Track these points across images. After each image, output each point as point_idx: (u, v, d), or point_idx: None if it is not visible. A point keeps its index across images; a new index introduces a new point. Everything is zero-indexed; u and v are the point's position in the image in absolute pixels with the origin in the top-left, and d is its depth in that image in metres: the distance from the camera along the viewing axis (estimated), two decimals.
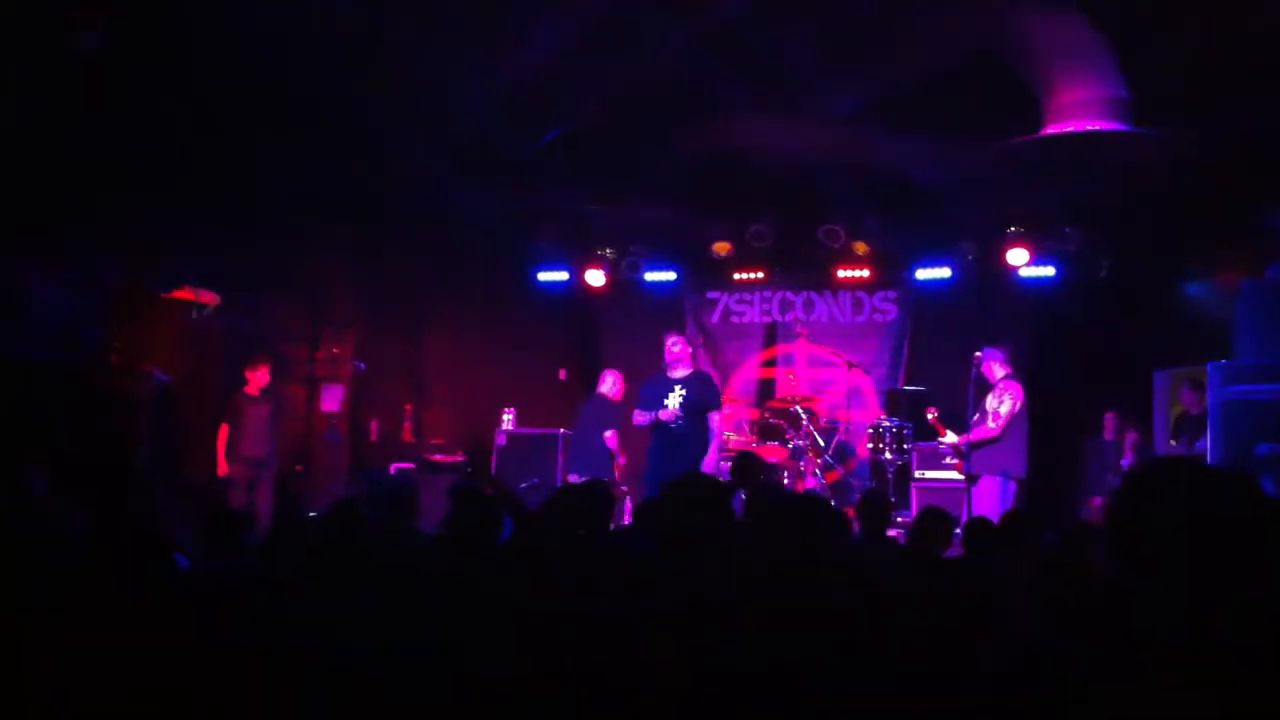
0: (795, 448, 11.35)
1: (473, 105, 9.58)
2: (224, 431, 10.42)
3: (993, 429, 9.04)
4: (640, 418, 9.39)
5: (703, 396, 9.28)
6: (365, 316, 12.37)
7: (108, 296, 10.56)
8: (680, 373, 9.36)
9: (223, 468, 10.23)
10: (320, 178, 10.79)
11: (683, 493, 3.61)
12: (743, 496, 7.18)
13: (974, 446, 9.12)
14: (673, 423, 9.11)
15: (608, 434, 10.42)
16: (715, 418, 9.38)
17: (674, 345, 9.45)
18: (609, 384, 10.85)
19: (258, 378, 10.66)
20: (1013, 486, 9.03)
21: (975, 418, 9.18)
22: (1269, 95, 8.28)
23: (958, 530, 6.38)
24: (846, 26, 8.75)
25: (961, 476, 9.56)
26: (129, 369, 10.23)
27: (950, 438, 9.62)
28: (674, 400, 9.15)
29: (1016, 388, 9.15)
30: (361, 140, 10.26)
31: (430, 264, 12.52)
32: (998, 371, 9.25)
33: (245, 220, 10.92)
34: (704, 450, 9.15)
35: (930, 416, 9.86)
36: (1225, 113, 8.63)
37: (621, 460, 10.62)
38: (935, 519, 5.73)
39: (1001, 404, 9.07)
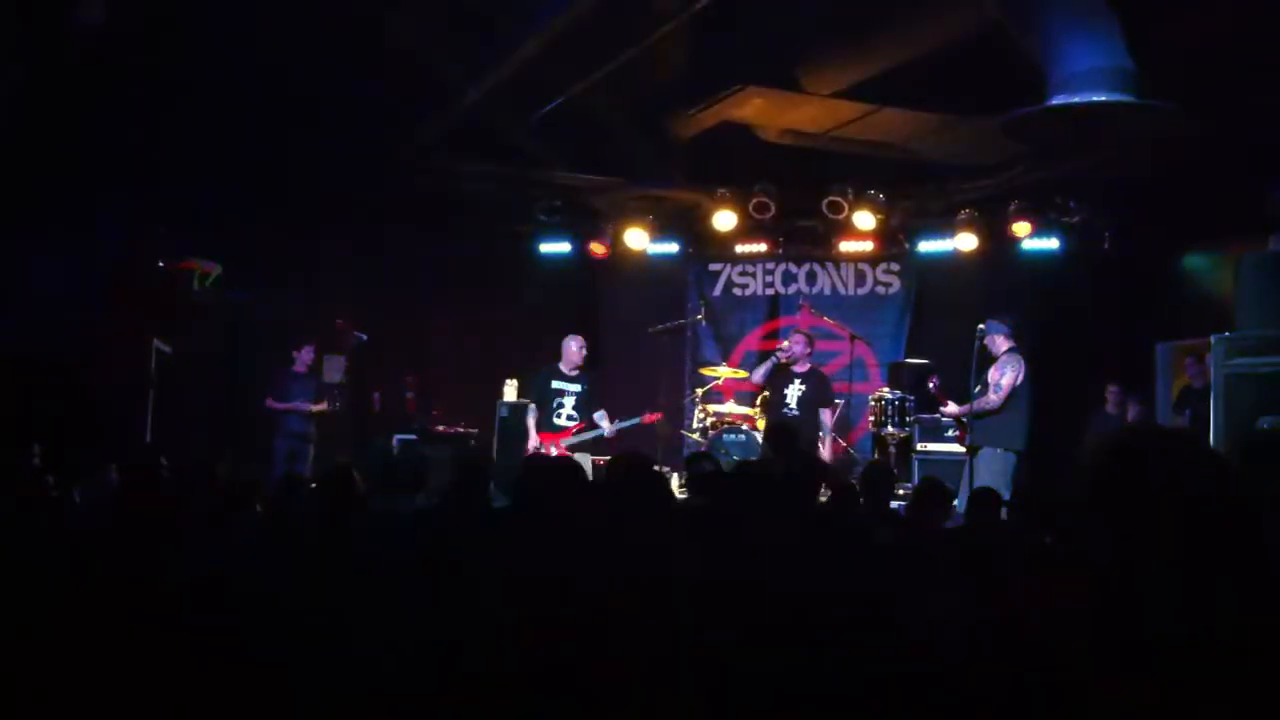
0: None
1: (475, 79, 9.54)
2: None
3: (994, 400, 9.06)
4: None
5: (818, 393, 10.25)
6: (367, 287, 12.37)
7: (109, 270, 10.58)
8: (801, 369, 10.31)
9: None
10: (321, 150, 10.77)
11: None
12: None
13: (975, 417, 9.14)
14: (786, 411, 10.10)
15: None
16: (826, 413, 10.31)
17: (797, 344, 10.41)
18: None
19: (303, 356, 10.94)
20: (1013, 459, 9.05)
21: (977, 389, 9.20)
22: (1272, 71, 8.23)
23: (955, 502, 6.39)
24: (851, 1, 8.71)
25: (963, 449, 9.58)
26: (131, 342, 10.25)
27: (951, 408, 9.64)
28: (793, 394, 10.20)
29: (1019, 360, 9.16)
30: (363, 113, 10.25)
31: (433, 234, 12.51)
32: (1001, 344, 9.25)
33: (247, 193, 10.93)
34: (814, 439, 10.03)
35: (931, 386, 9.87)
36: (1228, 87, 8.58)
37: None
38: (934, 491, 5.74)
39: (1003, 376, 9.08)
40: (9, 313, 9.91)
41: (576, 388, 10.13)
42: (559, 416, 10.07)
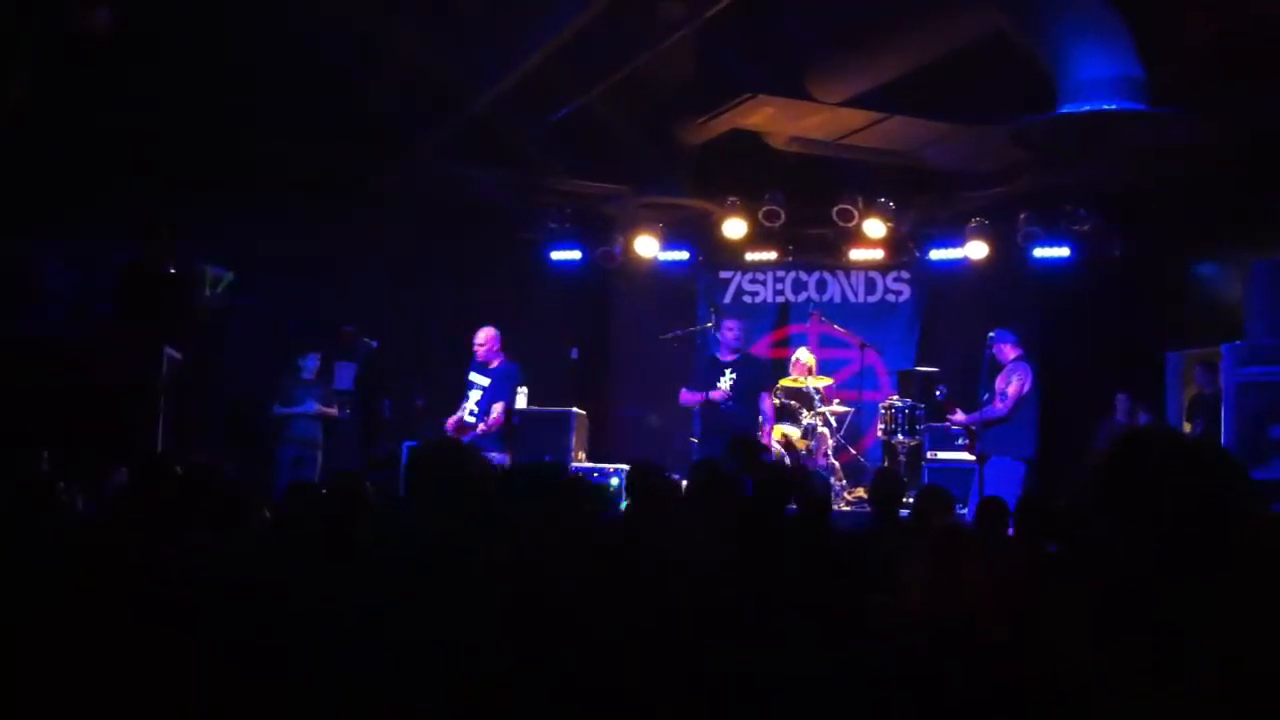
0: (807, 427, 11.34)
1: (484, 87, 9.57)
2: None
3: (1001, 409, 9.10)
4: (689, 397, 9.67)
5: (753, 379, 9.55)
6: (377, 294, 12.40)
7: (119, 275, 10.63)
8: (732, 356, 9.57)
9: None
10: (330, 156, 10.81)
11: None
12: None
13: (983, 426, 9.18)
14: (722, 403, 9.29)
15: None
16: (766, 400, 9.74)
17: (730, 330, 9.68)
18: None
19: (309, 363, 10.97)
20: (1022, 468, 9.06)
21: (985, 398, 9.25)
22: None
23: (961, 509, 6.39)
24: (861, 7, 8.73)
25: (973, 457, 9.60)
26: (141, 348, 10.29)
27: (960, 417, 9.66)
28: (725, 383, 9.36)
29: (1026, 369, 9.19)
30: (373, 119, 10.29)
31: (443, 242, 12.53)
32: (1009, 353, 9.30)
33: (257, 200, 10.97)
34: (753, 427, 9.35)
35: (939, 395, 9.90)
36: (1239, 95, 8.57)
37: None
38: (935, 497, 5.74)
39: (1009, 384, 9.13)
40: (20, 316, 9.96)
41: (485, 381, 9.68)
42: (465, 411, 9.62)
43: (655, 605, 2.50)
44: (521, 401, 12.34)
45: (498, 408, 9.51)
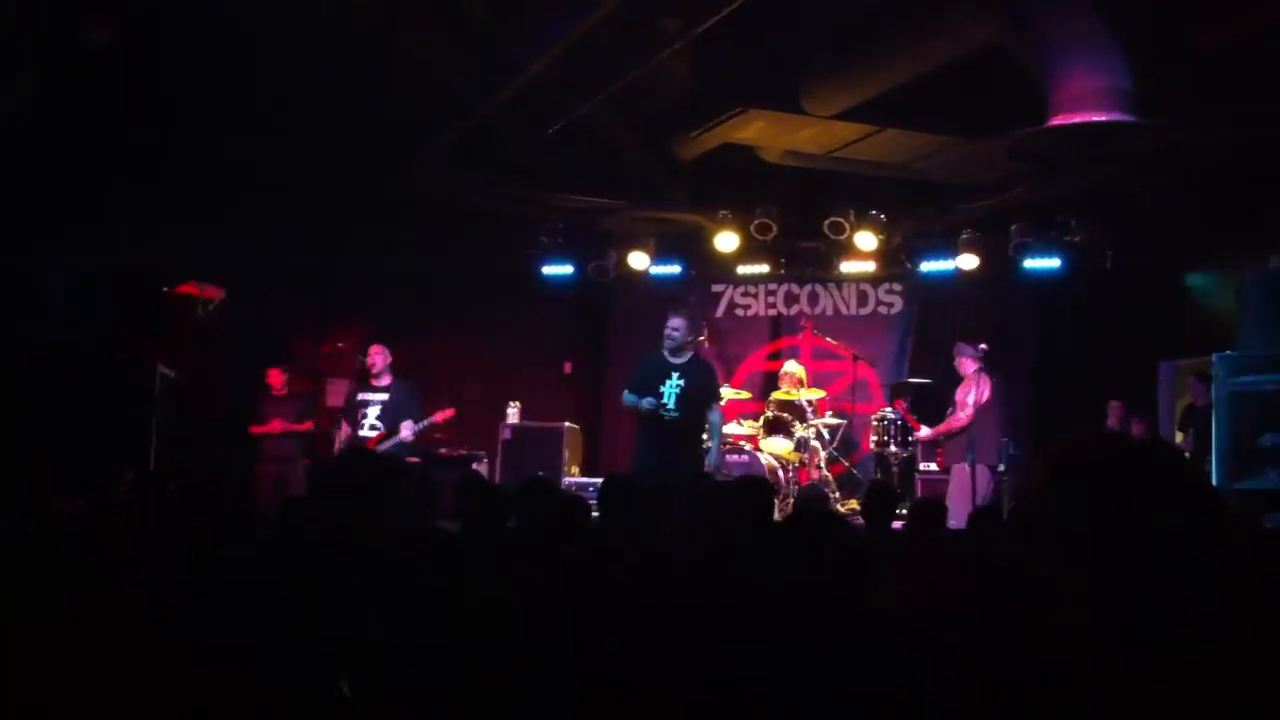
0: (800, 439, 11.36)
1: (479, 100, 9.60)
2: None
3: (962, 419, 9.41)
4: (629, 400, 8.72)
5: (702, 388, 8.60)
6: (370, 310, 12.39)
7: (114, 291, 10.63)
8: (679, 359, 8.64)
9: None
10: (326, 171, 10.82)
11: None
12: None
13: (947, 438, 9.52)
14: (665, 413, 8.42)
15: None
16: (714, 411, 8.78)
17: (675, 329, 8.62)
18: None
19: (272, 378, 10.92)
20: (989, 475, 9.35)
21: (949, 410, 9.62)
22: (1274, 88, 8.27)
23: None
24: (853, 21, 8.77)
25: (937, 468, 9.91)
26: (135, 364, 10.29)
27: (924, 432, 9.93)
28: (670, 390, 8.47)
29: (985, 380, 9.49)
30: (368, 133, 10.31)
31: (435, 256, 12.53)
32: (969, 366, 9.60)
33: (251, 214, 10.97)
34: (700, 443, 8.78)
35: (901, 409, 10.12)
36: (1230, 105, 8.62)
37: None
38: (928, 508, 5.78)
39: (969, 395, 9.48)
40: (18, 329, 9.96)
41: (382, 397, 9.84)
42: (363, 427, 9.76)
43: (645, 605, 2.51)
44: (514, 416, 12.39)
45: (408, 425, 9.59)
